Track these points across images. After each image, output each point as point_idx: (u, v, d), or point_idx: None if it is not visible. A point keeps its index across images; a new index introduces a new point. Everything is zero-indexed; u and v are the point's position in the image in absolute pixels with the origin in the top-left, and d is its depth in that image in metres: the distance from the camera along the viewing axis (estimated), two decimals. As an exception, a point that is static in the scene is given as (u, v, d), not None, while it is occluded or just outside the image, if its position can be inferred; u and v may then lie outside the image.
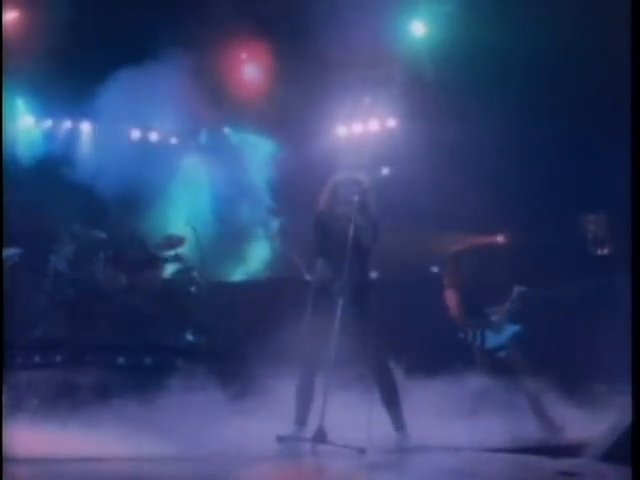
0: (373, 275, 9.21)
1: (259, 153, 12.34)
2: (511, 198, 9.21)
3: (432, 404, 7.02)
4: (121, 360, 8.69)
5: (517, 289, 7.13)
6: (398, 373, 6.17)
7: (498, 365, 7.09)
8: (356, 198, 5.82)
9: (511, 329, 7.09)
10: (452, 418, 6.90)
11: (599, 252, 9.03)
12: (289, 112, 10.88)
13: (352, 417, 5.81)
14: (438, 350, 8.56)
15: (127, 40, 10.16)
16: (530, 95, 9.07)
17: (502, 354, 7.06)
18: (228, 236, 12.07)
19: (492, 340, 7.08)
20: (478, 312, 7.13)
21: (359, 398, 6.11)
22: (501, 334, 7.07)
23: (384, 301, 6.25)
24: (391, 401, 5.93)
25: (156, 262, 10.24)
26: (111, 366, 8.58)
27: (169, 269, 10.55)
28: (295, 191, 10.07)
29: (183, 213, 11.82)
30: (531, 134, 9.13)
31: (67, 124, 11.82)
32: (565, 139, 9.10)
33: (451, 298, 7.26)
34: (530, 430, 6.73)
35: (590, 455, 4.86)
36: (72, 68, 10.09)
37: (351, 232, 5.70)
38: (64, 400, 6.28)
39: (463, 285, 7.24)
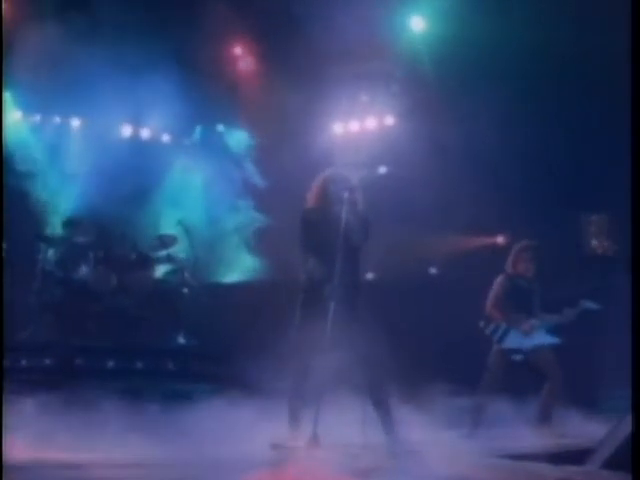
0: (368, 277, 9.25)
1: (253, 151, 12.34)
2: (511, 198, 9.21)
3: (430, 413, 7.04)
4: (111, 363, 8.70)
5: (585, 304, 7.00)
6: (393, 379, 6.17)
7: (511, 367, 7.03)
8: (346, 195, 5.83)
9: (542, 338, 6.98)
10: (452, 426, 6.92)
11: (601, 252, 9.04)
12: (285, 109, 10.86)
13: (346, 423, 5.81)
14: (437, 355, 8.57)
15: (118, 35, 10.15)
16: (531, 93, 9.06)
17: (518, 357, 6.98)
18: (221, 237, 12.08)
19: (514, 341, 6.98)
20: (521, 310, 7.04)
21: (353, 403, 6.11)
22: (529, 339, 6.97)
23: (379, 303, 6.25)
24: (383, 407, 5.92)
25: (147, 262, 10.26)
26: (101, 369, 8.59)
27: (161, 270, 10.58)
28: (290, 190, 10.06)
29: (175, 212, 11.81)
30: (532, 133, 9.12)
31: (56, 119, 11.79)
32: (566, 137, 9.09)
33: (498, 285, 7.17)
34: (530, 436, 6.74)
35: (592, 462, 4.87)
36: (61, 62, 10.07)
37: (341, 230, 5.69)
38: (52, 404, 6.26)
39: (522, 278, 7.17)
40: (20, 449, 4.90)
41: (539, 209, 9.09)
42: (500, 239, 9.87)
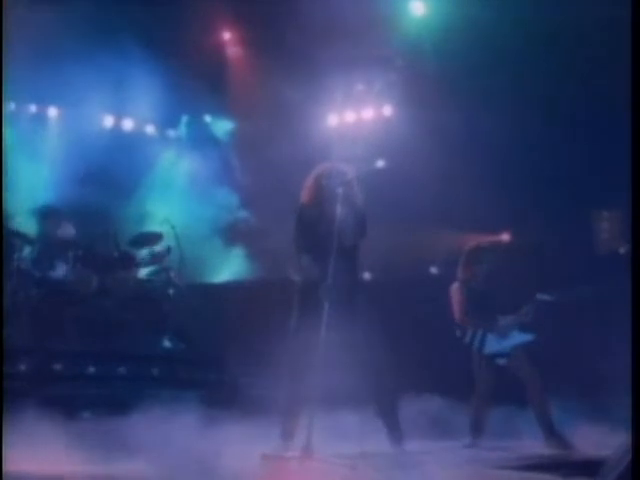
0: (366, 276, 9.23)
1: (242, 144, 12.31)
2: (516, 193, 9.21)
3: (432, 419, 7.04)
4: (91, 369, 8.67)
5: (540, 297, 7.06)
6: (395, 383, 6.16)
7: (500, 372, 7.08)
8: (340, 190, 5.82)
9: (518, 337, 7.05)
10: (454, 433, 6.92)
11: (613, 250, 9.04)
12: (276, 98, 10.85)
13: (343, 431, 5.80)
14: (437, 357, 8.58)
15: (100, 21, 10.12)
16: (539, 81, 9.06)
17: (502, 361, 7.05)
18: (209, 234, 12.05)
19: (493, 345, 7.06)
20: (486, 313, 7.10)
21: (350, 411, 6.10)
22: (505, 340, 7.05)
23: (377, 304, 6.24)
24: (387, 414, 5.92)
25: (130, 262, 10.23)
26: (80, 376, 8.56)
27: (144, 269, 10.54)
28: (281, 186, 10.06)
29: (161, 209, 11.79)
30: (539, 123, 9.10)
31: (32, 108, 11.72)
32: (576, 130, 9.08)
33: (456, 292, 7.24)
34: (537, 446, 6.74)
35: (604, 475, 4.86)
36: (39, 48, 10.03)
37: (336, 227, 5.68)
38: (27, 413, 6.23)
39: (475, 281, 7.23)
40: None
41: (547, 205, 9.08)
42: (505, 237, 9.87)
